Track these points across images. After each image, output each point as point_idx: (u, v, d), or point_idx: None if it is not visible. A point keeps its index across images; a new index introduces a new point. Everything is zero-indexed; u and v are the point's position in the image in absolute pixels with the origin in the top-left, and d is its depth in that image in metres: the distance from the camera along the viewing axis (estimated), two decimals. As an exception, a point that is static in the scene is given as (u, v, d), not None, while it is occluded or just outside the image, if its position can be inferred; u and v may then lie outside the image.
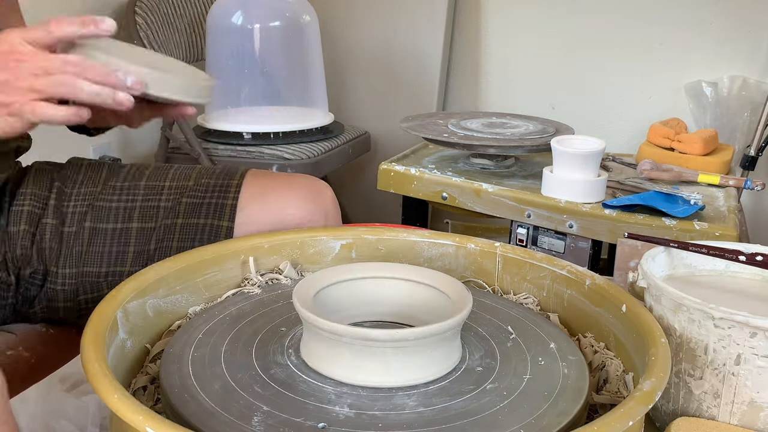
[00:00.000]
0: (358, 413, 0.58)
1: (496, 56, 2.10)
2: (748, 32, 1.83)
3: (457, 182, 1.51)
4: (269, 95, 1.81)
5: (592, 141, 1.38)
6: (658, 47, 1.91)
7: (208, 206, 0.93)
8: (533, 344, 0.70)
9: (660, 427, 0.75)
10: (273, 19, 1.79)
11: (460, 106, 2.16)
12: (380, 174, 1.61)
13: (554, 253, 1.42)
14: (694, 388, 0.70)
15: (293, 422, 0.56)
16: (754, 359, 0.66)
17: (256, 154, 1.68)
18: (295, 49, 1.81)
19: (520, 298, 0.83)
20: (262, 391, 0.60)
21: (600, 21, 1.96)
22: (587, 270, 0.79)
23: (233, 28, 1.76)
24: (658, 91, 1.93)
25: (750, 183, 1.44)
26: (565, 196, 1.39)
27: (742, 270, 0.82)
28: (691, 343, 0.69)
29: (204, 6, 1.88)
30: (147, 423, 0.50)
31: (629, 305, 0.70)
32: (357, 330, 0.60)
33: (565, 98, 2.03)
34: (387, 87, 2.14)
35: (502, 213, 1.47)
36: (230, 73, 1.78)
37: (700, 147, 1.60)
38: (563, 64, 2.02)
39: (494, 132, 1.58)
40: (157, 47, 1.69)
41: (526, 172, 1.59)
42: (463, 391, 0.61)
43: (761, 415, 0.67)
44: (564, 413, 0.59)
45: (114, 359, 0.61)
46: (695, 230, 1.28)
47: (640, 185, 1.46)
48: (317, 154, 1.71)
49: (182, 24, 1.83)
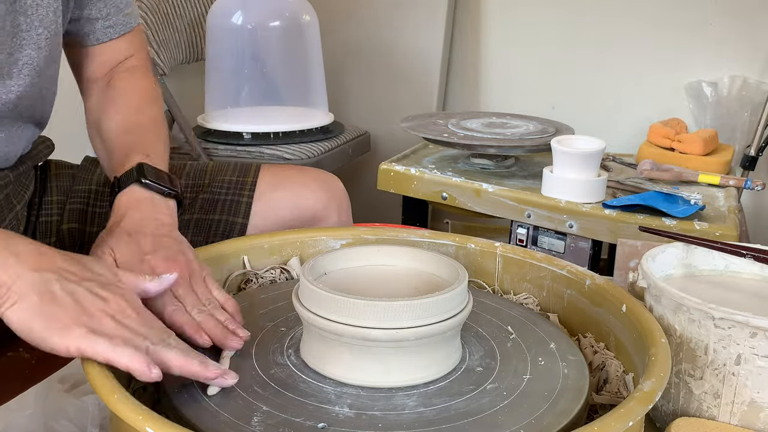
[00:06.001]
0: (357, 413, 0.58)
1: (496, 56, 2.10)
2: (748, 32, 1.83)
3: (457, 182, 1.51)
4: (269, 95, 1.81)
5: (592, 141, 1.38)
6: (659, 47, 1.91)
7: (223, 203, 0.95)
8: (533, 344, 0.70)
9: (660, 427, 0.74)
10: (273, 19, 1.79)
11: (460, 106, 2.16)
12: (380, 174, 1.61)
13: (554, 253, 1.42)
14: (694, 388, 0.70)
15: (293, 422, 0.56)
16: (755, 359, 0.66)
17: (256, 154, 1.68)
18: (295, 49, 1.81)
19: (520, 298, 0.83)
20: (261, 391, 0.60)
21: (600, 21, 1.96)
22: (587, 270, 0.79)
23: (233, 28, 1.76)
24: (658, 91, 1.93)
25: (750, 183, 1.44)
26: (565, 196, 1.39)
27: (742, 270, 0.82)
28: (691, 343, 0.69)
29: (204, 6, 1.88)
30: (147, 423, 0.49)
31: (629, 305, 0.70)
32: (357, 330, 0.60)
33: (565, 98, 2.03)
34: (387, 87, 2.13)
35: (502, 213, 1.46)
36: (230, 73, 1.78)
37: (700, 147, 1.60)
38: (563, 64, 2.02)
39: (494, 132, 1.58)
40: (156, 47, 1.69)
41: (526, 172, 1.59)
42: (463, 391, 0.61)
43: (761, 415, 0.67)
44: (564, 413, 0.59)
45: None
46: (695, 230, 1.28)
47: (640, 185, 1.46)
48: (317, 154, 1.71)
49: (182, 24, 1.83)
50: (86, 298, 0.58)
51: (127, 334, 0.57)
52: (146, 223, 0.74)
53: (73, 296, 0.58)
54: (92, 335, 0.55)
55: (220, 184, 0.97)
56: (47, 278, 0.58)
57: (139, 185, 0.78)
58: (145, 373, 0.54)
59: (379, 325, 0.59)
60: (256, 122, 1.73)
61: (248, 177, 0.97)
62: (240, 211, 0.95)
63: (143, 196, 0.77)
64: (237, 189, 0.96)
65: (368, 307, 0.59)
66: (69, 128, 1.19)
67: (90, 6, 0.90)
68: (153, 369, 0.55)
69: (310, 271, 0.66)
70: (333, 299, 0.60)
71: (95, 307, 0.58)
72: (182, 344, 0.60)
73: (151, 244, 0.71)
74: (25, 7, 0.79)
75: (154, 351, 0.57)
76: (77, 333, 0.55)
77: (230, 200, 0.95)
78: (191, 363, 0.57)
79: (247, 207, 0.95)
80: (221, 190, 0.96)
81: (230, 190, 0.96)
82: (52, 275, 0.58)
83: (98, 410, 0.71)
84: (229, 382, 0.59)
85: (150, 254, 0.70)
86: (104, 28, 0.92)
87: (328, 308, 0.61)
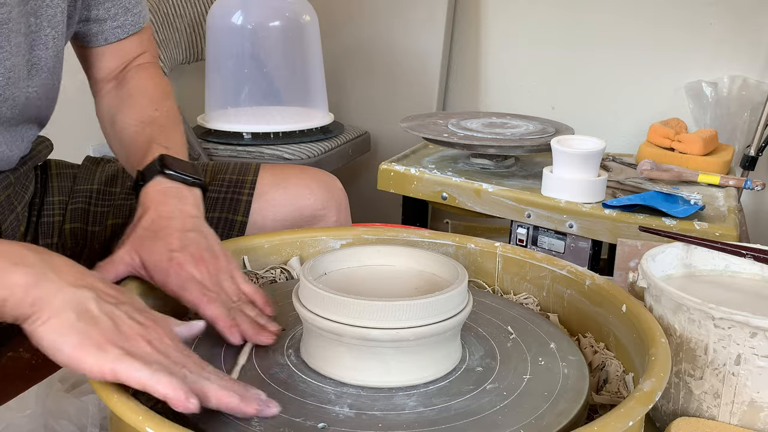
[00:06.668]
0: (358, 413, 0.58)
1: (496, 56, 2.10)
2: (748, 32, 1.83)
3: (457, 182, 1.51)
4: (269, 95, 1.81)
5: (592, 141, 1.38)
6: (659, 47, 1.91)
7: (223, 201, 0.96)
8: (533, 344, 0.70)
9: (660, 427, 0.75)
10: (273, 19, 1.79)
11: (460, 106, 2.16)
12: (380, 174, 1.61)
13: (554, 253, 1.42)
14: (694, 388, 0.70)
15: (293, 422, 0.56)
16: (754, 359, 0.66)
17: (256, 154, 1.68)
18: (295, 49, 1.81)
19: (520, 298, 0.83)
20: (261, 391, 0.60)
21: (600, 21, 1.96)
22: (587, 270, 0.79)
23: (233, 28, 1.76)
24: (658, 91, 1.94)
25: (750, 183, 1.44)
26: (565, 196, 1.39)
27: (742, 270, 0.82)
28: (691, 343, 0.69)
29: (204, 6, 1.88)
30: (147, 423, 0.49)
31: (629, 305, 0.70)
32: (357, 330, 0.60)
33: (565, 98, 2.03)
34: (387, 87, 2.14)
35: (502, 213, 1.47)
36: (230, 73, 1.79)
37: (700, 147, 1.60)
38: (563, 64, 2.02)
39: (494, 132, 1.58)
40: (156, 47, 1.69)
41: (526, 172, 1.59)
42: (463, 391, 0.61)
43: (761, 415, 0.67)
44: (564, 413, 0.59)
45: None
46: (695, 230, 1.28)
47: (640, 185, 1.46)
48: (317, 154, 1.71)
49: (182, 24, 1.83)
50: (124, 321, 0.56)
51: (164, 360, 0.54)
52: (173, 217, 0.74)
53: (111, 316, 0.55)
54: (129, 358, 0.52)
55: (220, 182, 0.97)
56: (85, 296, 0.56)
57: (164, 176, 0.77)
58: (183, 402, 0.51)
59: (379, 325, 0.59)
60: (256, 122, 1.73)
61: (248, 176, 0.98)
62: (240, 209, 0.95)
63: (168, 187, 0.77)
64: (237, 187, 0.96)
65: (368, 307, 0.59)
66: (68, 128, 1.19)
67: (98, 6, 0.91)
68: (191, 399, 0.51)
69: (310, 271, 0.66)
70: (333, 299, 0.60)
71: (133, 330, 0.55)
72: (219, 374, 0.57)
73: (178, 241, 0.71)
74: (35, 8, 0.80)
75: (193, 380, 0.53)
76: (113, 355, 0.52)
77: (230, 198, 0.96)
78: (230, 396, 0.54)
79: (247, 205, 0.95)
80: (221, 189, 0.96)
81: (230, 188, 0.96)
82: (90, 293, 0.56)
83: (98, 410, 0.71)
84: (271, 412, 0.55)
85: (177, 251, 0.70)
86: (113, 29, 0.93)
87: (328, 308, 0.61)
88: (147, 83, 0.95)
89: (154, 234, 0.72)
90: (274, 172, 1.00)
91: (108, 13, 0.91)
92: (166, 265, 0.69)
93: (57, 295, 0.55)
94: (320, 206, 0.99)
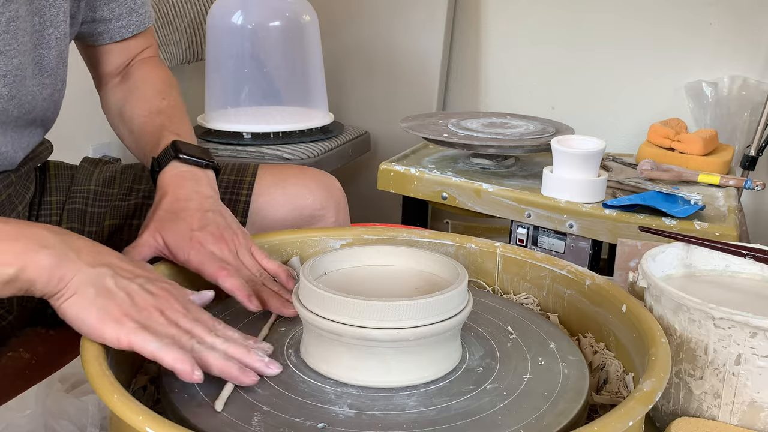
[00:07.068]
0: (358, 413, 0.58)
1: (496, 56, 2.10)
2: (748, 32, 1.83)
3: (457, 182, 1.51)
4: (269, 95, 1.81)
5: (592, 141, 1.38)
6: (659, 47, 1.91)
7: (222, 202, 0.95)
8: (533, 344, 0.70)
9: (660, 427, 0.74)
10: (273, 19, 1.79)
11: (460, 106, 2.16)
12: (380, 174, 1.61)
13: (554, 253, 1.42)
14: (695, 388, 0.70)
15: (293, 422, 0.56)
16: (755, 359, 0.66)
17: (256, 154, 1.68)
18: (295, 49, 1.81)
19: (520, 298, 0.83)
20: (261, 391, 0.60)
21: (600, 21, 1.96)
22: (587, 270, 0.79)
23: (233, 28, 1.76)
24: (658, 91, 1.94)
25: (750, 183, 1.44)
26: (565, 196, 1.39)
27: (742, 270, 0.82)
28: (691, 343, 0.69)
29: (204, 6, 1.88)
30: (147, 423, 0.49)
31: (629, 305, 0.69)
32: (357, 330, 0.60)
33: (565, 98, 2.03)
34: (387, 87, 2.14)
35: (502, 213, 1.47)
36: (230, 73, 1.78)
37: (700, 147, 1.60)
38: (563, 64, 2.02)
39: (494, 132, 1.58)
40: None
41: (526, 172, 1.59)
42: (463, 392, 0.61)
43: (761, 415, 0.67)
44: (564, 413, 0.59)
45: (114, 359, 0.61)
46: (695, 230, 1.28)
47: (640, 185, 1.46)
48: (317, 154, 1.71)
49: (182, 24, 1.83)
50: (138, 294, 0.61)
51: (174, 330, 0.60)
52: (191, 198, 0.78)
53: (126, 291, 0.61)
54: (143, 332, 0.58)
55: (219, 183, 0.97)
56: (103, 273, 0.61)
57: (178, 161, 0.82)
58: (189, 375, 0.57)
59: (378, 325, 0.59)
60: (256, 122, 1.73)
61: (246, 176, 0.98)
62: (238, 210, 0.95)
63: (184, 170, 0.82)
64: (235, 188, 0.97)
65: (368, 307, 0.59)
66: (67, 129, 1.19)
67: (102, 8, 0.93)
68: (196, 371, 0.57)
69: (310, 271, 0.66)
70: (333, 299, 0.60)
71: (146, 302, 0.61)
72: (229, 332, 0.63)
73: (198, 221, 0.76)
74: (39, 7, 0.81)
75: (198, 351, 0.59)
76: (128, 327, 0.58)
77: (228, 199, 0.96)
78: (230, 367, 0.59)
79: (246, 205, 0.96)
80: (219, 189, 0.96)
81: (228, 189, 0.96)
82: (107, 270, 0.61)
83: (98, 410, 0.71)
84: (271, 372, 0.62)
85: (198, 230, 0.75)
86: (118, 28, 0.96)
87: (328, 308, 0.61)
88: (152, 75, 0.98)
89: (175, 215, 0.76)
90: (273, 172, 1.00)
91: (113, 13, 0.94)
92: (188, 244, 0.74)
93: (77, 275, 0.60)
94: (319, 206, 0.99)
